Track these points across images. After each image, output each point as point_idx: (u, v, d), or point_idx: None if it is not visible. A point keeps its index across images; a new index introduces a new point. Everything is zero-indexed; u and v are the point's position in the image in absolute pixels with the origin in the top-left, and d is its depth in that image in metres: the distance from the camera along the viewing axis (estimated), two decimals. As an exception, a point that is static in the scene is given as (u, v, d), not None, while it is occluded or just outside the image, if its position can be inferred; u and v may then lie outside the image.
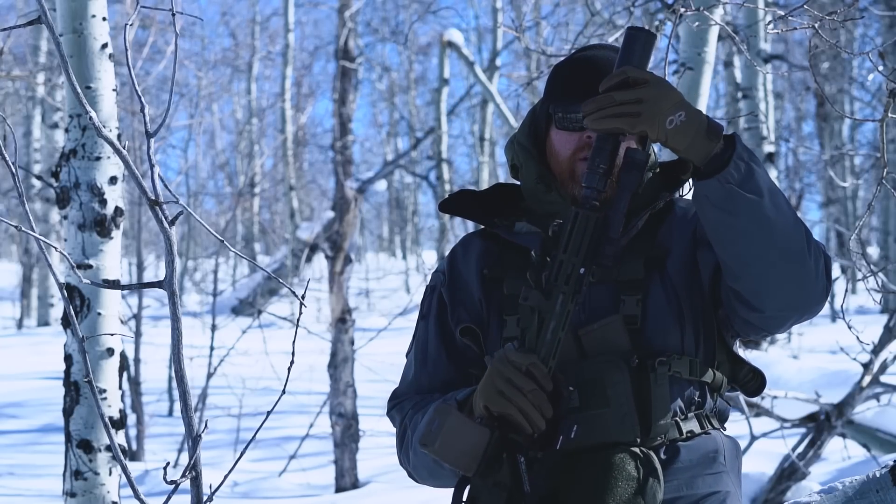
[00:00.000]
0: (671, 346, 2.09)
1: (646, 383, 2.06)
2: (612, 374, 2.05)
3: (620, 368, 2.05)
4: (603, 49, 2.18)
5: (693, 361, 2.09)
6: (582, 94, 2.05)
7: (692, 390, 2.11)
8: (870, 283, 3.10)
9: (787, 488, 5.87)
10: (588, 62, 2.15)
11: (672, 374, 2.08)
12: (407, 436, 2.22)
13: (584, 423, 2.04)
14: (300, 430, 9.27)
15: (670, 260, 2.13)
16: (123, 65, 10.79)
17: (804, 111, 23.45)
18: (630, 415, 2.05)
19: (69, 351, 3.52)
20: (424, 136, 18.71)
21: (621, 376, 2.05)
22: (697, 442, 2.13)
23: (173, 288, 2.20)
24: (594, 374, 2.06)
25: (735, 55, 11.56)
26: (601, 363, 2.06)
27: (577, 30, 15.33)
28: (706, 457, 2.13)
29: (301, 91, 26.01)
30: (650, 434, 2.06)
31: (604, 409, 2.05)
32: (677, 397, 2.10)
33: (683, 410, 2.11)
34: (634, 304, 2.10)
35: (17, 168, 1.76)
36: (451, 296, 2.25)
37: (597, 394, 2.05)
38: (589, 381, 2.06)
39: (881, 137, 2.80)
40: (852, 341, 7.11)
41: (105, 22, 3.54)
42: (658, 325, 2.10)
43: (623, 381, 2.05)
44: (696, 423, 2.11)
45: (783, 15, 3.16)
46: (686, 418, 2.10)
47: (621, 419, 2.05)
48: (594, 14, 5.54)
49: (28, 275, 21.23)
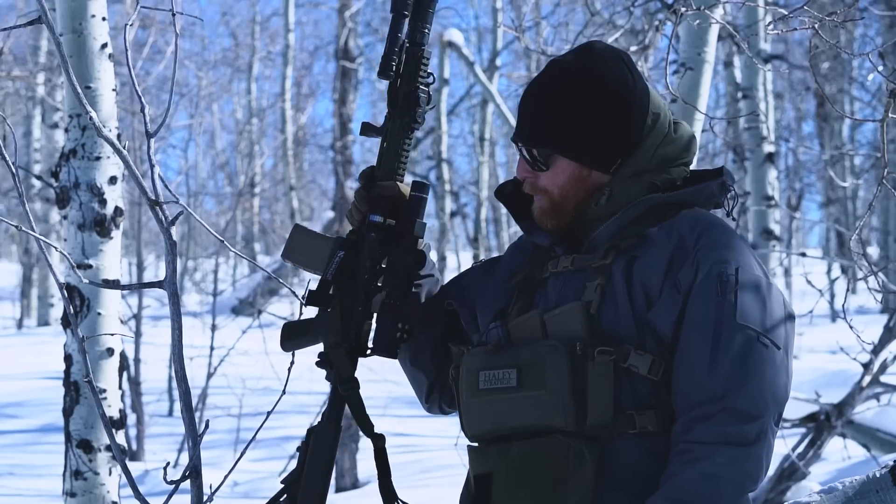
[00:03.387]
0: (626, 336, 2.08)
1: (584, 371, 2.06)
2: (552, 359, 2.06)
3: (559, 353, 2.06)
4: (549, 69, 2.23)
5: (657, 361, 2.06)
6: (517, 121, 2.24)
7: (650, 387, 2.07)
8: (870, 282, 3.10)
9: (787, 488, 5.87)
10: (525, 90, 2.26)
11: (628, 367, 2.06)
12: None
13: (519, 403, 2.09)
14: (300, 430, 9.24)
15: (639, 262, 2.11)
16: (123, 65, 10.79)
17: (804, 111, 23.44)
18: (564, 400, 2.05)
19: (69, 351, 3.52)
20: (424, 136, 18.69)
21: (559, 361, 2.06)
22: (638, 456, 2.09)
23: (174, 288, 2.20)
24: (535, 357, 2.09)
25: (735, 55, 11.56)
26: (542, 347, 2.09)
27: (577, 30, 15.32)
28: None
29: (301, 91, 26.01)
30: (587, 422, 2.05)
31: (540, 391, 2.07)
32: (627, 391, 2.06)
33: (637, 405, 2.07)
34: (594, 289, 2.11)
35: (17, 168, 1.76)
36: (478, 280, 2.35)
37: (535, 376, 2.08)
38: (529, 364, 2.09)
39: (881, 137, 2.79)
40: (852, 341, 7.09)
41: (105, 22, 3.54)
42: (612, 313, 2.09)
43: (560, 365, 2.05)
44: (654, 420, 2.07)
45: (783, 15, 3.16)
46: (642, 413, 2.06)
47: (554, 403, 2.05)
48: (594, 14, 5.54)
49: (28, 275, 21.22)
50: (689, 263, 2.08)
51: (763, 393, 2.02)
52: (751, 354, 2.02)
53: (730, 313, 2.04)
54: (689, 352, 2.04)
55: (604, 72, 2.17)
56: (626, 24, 5.03)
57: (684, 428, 2.02)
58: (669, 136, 2.20)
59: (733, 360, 2.02)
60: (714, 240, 2.09)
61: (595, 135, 2.16)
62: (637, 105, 2.17)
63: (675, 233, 2.11)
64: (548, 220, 2.22)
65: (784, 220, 17.84)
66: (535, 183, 2.21)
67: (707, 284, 2.06)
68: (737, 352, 2.02)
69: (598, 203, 2.17)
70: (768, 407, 2.03)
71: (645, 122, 2.18)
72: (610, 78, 2.17)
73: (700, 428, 2.00)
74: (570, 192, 2.19)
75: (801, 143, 20.55)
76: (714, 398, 2.01)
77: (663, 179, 2.18)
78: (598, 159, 2.17)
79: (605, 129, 2.16)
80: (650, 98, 2.20)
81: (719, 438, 1.99)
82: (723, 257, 2.07)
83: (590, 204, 2.18)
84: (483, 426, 2.16)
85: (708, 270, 2.06)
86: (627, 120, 2.16)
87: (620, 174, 2.18)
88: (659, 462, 2.05)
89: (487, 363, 2.14)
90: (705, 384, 2.02)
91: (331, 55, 26.48)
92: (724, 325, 2.03)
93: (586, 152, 2.17)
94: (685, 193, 2.17)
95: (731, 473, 1.99)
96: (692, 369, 2.03)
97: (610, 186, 2.17)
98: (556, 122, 2.17)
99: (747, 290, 2.06)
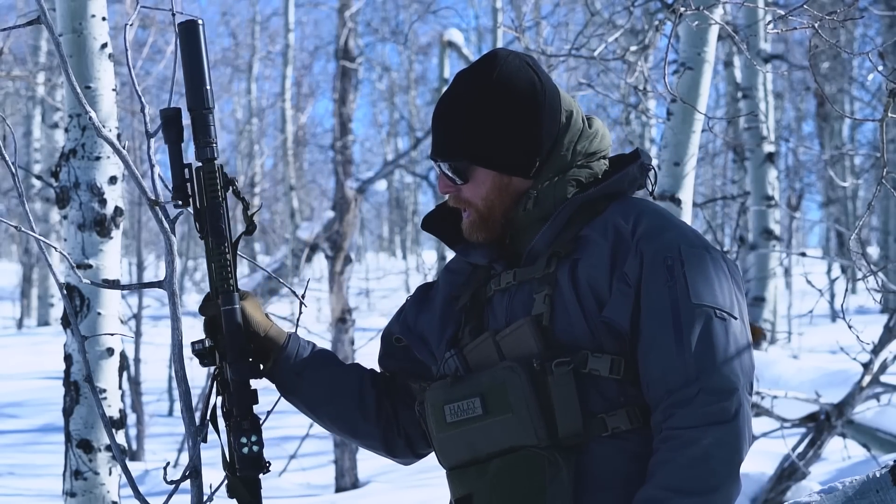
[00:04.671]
0: (582, 342, 2.08)
1: (546, 386, 2.05)
2: (512, 380, 2.07)
3: (518, 373, 2.06)
4: (456, 83, 2.22)
5: (616, 359, 2.07)
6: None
7: (616, 386, 2.07)
8: (870, 282, 3.10)
9: (787, 488, 5.87)
10: (436, 107, 2.25)
11: (588, 372, 2.06)
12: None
13: (489, 429, 2.09)
14: (300, 430, 9.27)
15: (582, 264, 2.11)
16: (123, 64, 10.79)
17: (804, 111, 23.45)
18: (531, 418, 2.05)
19: (69, 351, 3.52)
20: (424, 136, 18.68)
21: (519, 381, 2.06)
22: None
23: (173, 288, 2.20)
24: (495, 381, 2.09)
25: (735, 55, 11.56)
26: (500, 370, 2.09)
27: (577, 30, 15.32)
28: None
29: (301, 91, 26.00)
30: (559, 434, 2.05)
31: (507, 414, 2.07)
32: (594, 395, 2.07)
33: (607, 407, 2.07)
34: (542, 300, 2.11)
35: (16, 168, 1.76)
36: (416, 307, 2.34)
37: (499, 400, 2.08)
38: (491, 389, 2.09)
39: (881, 137, 2.80)
40: (852, 341, 7.09)
41: (105, 22, 3.54)
42: (565, 321, 2.09)
43: (521, 385, 2.06)
44: (626, 419, 2.07)
45: (783, 15, 3.16)
46: (612, 414, 2.07)
47: (523, 423, 2.06)
48: (594, 14, 5.55)
49: (28, 275, 21.24)
50: (632, 255, 2.09)
51: (733, 366, 2.04)
52: (713, 332, 2.04)
53: (683, 295, 2.05)
54: (654, 341, 2.05)
55: (509, 78, 2.17)
56: (626, 24, 5.04)
57: (665, 415, 2.03)
58: (585, 132, 2.21)
59: (697, 340, 2.03)
60: (650, 226, 2.11)
61: (508, 141, 2.16)
62: (547, 107, 2.18)
63: (610, 227, 2.12)
64: (477, 233, 2.21)
65: (784, 220, 17.84)
66: (459, 196, 2.21)
67: (655, 272, 2.07)
68: (699, 332, 2.04)
69: (525, 208, 2.18)
70: (739, 378, 2.04)
71: (558, 121, 2.18)
72: (517, 83, 2.17)
73: (681, 413, 2.01)
74: (495, 201, 2.19)
75: (801, 143, 20.55)
76: (688, 381, 2.02)
77: (586, 174, 2.19)
78: (514, 166, 2.18)
79: (517, 134, 2.16)
80: (560, 97, 2.20)
81: (703, 420, 2.00)
82: (663, 243, 2.09)
83: (517, 210, 2.18)
84: (459, 457, 2.16)
85: (652, 258, 2.08)
86: (539, 123, 2.17)
87: (542, 176, 2.18)
88: (637, 460, 2.06)
89: (451, 395, 2.14)
90: (677, 369, 2.03)
91: (331, 55, 26.51)
92: (680, 309, 2.05)
93: (501, 160, 2.17)
94: (609, 185, 2.17)
95: (721, 452, 2.00)
96: (660, 357, 2.04)
97: (535, 189, 2.17)
98: (468, 134, 2.17)
99: (693, 268, 2.07)
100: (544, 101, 2.18)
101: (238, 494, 2.19)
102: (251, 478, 2.18)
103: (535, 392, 2.06)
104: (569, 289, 2.10)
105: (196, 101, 2.24)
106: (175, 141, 2.22)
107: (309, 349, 2.34)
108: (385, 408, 2.35)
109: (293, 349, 2.32)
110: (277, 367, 2.32)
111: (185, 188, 2.21)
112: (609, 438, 2.07)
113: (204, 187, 2.21)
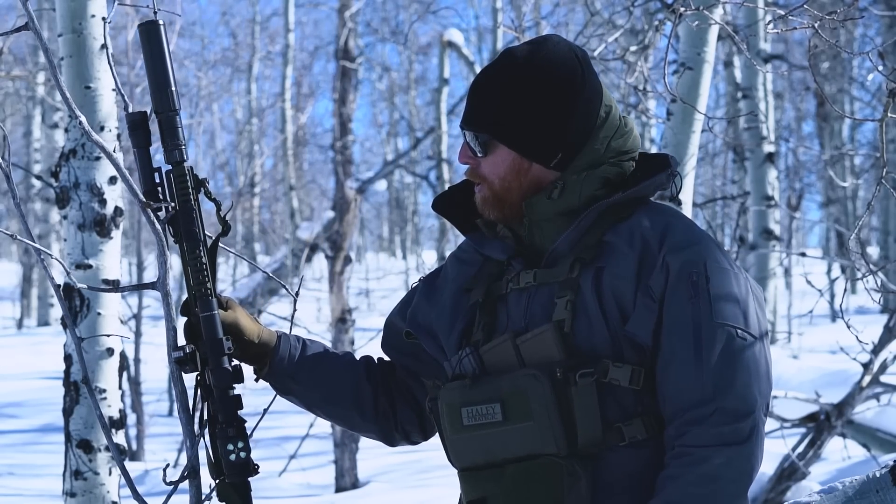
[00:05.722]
0: (602, 351, 2.06)
1: (568, 395, 2.04)
2: (534, 388, 2.04)
3: (541, 382, 2.04)
4: (502, 58, 2.20)
5: (636, 370, 2.05)
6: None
7: (634, 396, 2.06)
8: (869, 282, 3.10)
9: (787, 488, 5.87)
10: (476, 77, 2.22)
11: (609, 382, 2.04)
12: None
13: (508, 436, 2.07)
14: (300, 430, 9.27)
15: (607, 273, 2.09)
16: (123, 64, 10.79)
17: (804, 111, 23.43)
18: (552, 427, 2.03)
19: (69, 351, 3.52)
20: (424, 136, 18.68)
21: (542, 390, 2.04)
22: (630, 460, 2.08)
23: (167, 289, 2.20)
24: (518, 387, 2.06)
25: (735, 55, 11.56)
26: (522, 377, 2.06)
27: (577, 30, 15.32)
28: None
29: (301, 91, 26.00)
30: (578, 444, 2.04)
31: (528, 422, 2.05)
32: (612, 404, 2.05)
33: (624, 416, 2.06)
34: (564, 306, 2.08)
35: (10, 170, 1.76)
36: (424, 299, 2.31)
37: (521, 407, 2.06)
38: (513, 395, 2.07)
39: (881, 137, 2.79)
40: (852, 341, 7.09)
41: (105, 22, 3.54)
42: (586, 329, 2.07)
43: (544, 394, 2.04)
44: (642, 428, 2.06)
45: (783, 15, 3.16)
46: (629, 424, 2.06)
47: (544, 432, 2.04)
48: (594, 14, 5.54)
49: (28, 275, 21.24)
50: (658, 269, 2.07)
51: (751, 388, 2.02)
52: (733, 352, 2.03)
53: (706, 313, 2.04)
54: (673, 357, 2.04)
55: (552, 65, 2.14)
56: (625, 24, 5.03)
57: (679, 432, 2.02)
58: (621, 129, 2.18)
59: (717, 359, 2.02)
60: (678, 240, 2.09)
61: (533, 125, 2.13)
62: (583, 100, 2.14)
63: (637, 237, 2.10)
64: (490, 210, 2.18)
65: (784, 220, 17.84)
66: (476, 170, 2.19)
67: (679, 288, 2.05)
68: (719, 351, 2.02)
69: (550, 196, 2.14)
70: (756, 400, 2.02)
71: (595, 115, 2.15)
72: (557, 69, 2.14)
73: (695, 431, 2.00)
74: (512, 182, 2.16)
75: (801, 143, 20.54)
76: (705, 400, 2.01)
77: (615, 173, 2.16)
78: (535, 152, 2.14)
79: (545, 120, 2.13)
80: (602, 93, 2.18)
81: (716, 440, 1.99)
82: (690, 257, 2.07)
83: (541, 198, 2.15)
84: (474, 459, 2.14)
85: (678, 273, 2.06)
86: (570, 114, 2.14)
87: (574, 166, 2.15)
88: (652, 468, 2.05)
89: (468, 398, 2.12)
90: (694, 387, 2.02)
91: (331, 55, 26.50)
92: (703, 327, 2.03)
93: (524, 142, 2.14)
94: (637, 191, 2.15)
95: (731, 473, 1.99)
96: (678, 374, 2.03)
97: (563, 179, 2.14)
98: (497, 109, 2.15)
99: (718, 286, 2.06)
100: (581, 93, 2.14)
101: (228, 499, 2.17)
102: (240, 482, 2.17)
103: (556, 401, 2.03)
104: (592, 296, 2.07)
105: (162, 105, 2.18)
106: (143, 145, 2.18)
107: (300, 349, 2.32)
108: (382, 405, 2.34)
109: (285, 351, 2.30)
110: (271, 370, 2.31)
111: (156, 192, 2.18)
112: (625, 447, 2.06)
113: (175, 191, 2.18)
